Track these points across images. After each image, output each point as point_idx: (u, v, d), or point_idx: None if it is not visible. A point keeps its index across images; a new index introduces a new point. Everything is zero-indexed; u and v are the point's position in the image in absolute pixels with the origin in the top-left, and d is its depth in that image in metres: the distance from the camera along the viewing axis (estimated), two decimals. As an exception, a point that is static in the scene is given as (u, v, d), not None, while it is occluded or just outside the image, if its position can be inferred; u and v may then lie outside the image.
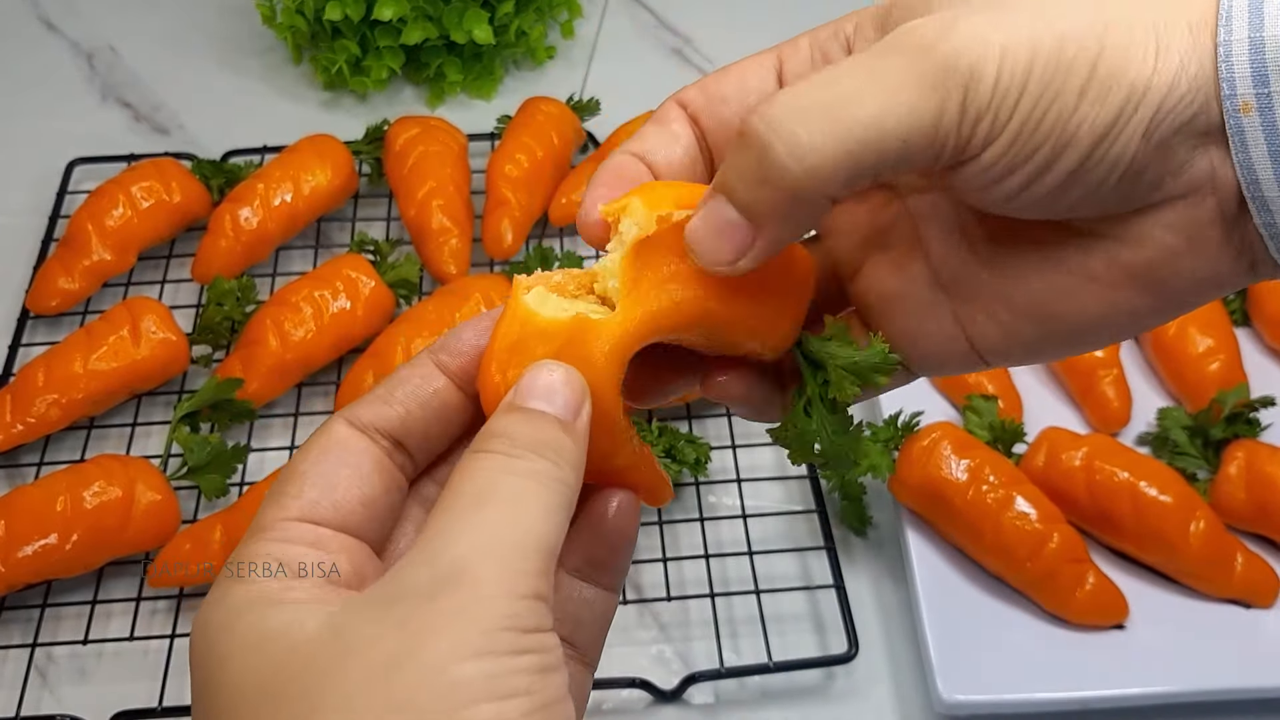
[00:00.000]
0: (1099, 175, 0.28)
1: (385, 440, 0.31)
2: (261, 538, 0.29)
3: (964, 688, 0.60)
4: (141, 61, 0.97)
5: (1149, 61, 0.27)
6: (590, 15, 1.01)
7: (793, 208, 0.28)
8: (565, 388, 0.29)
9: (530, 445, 0.28)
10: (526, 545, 0.26)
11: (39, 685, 0.63)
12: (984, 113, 0.27)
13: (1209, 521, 0.63)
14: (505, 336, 0.30)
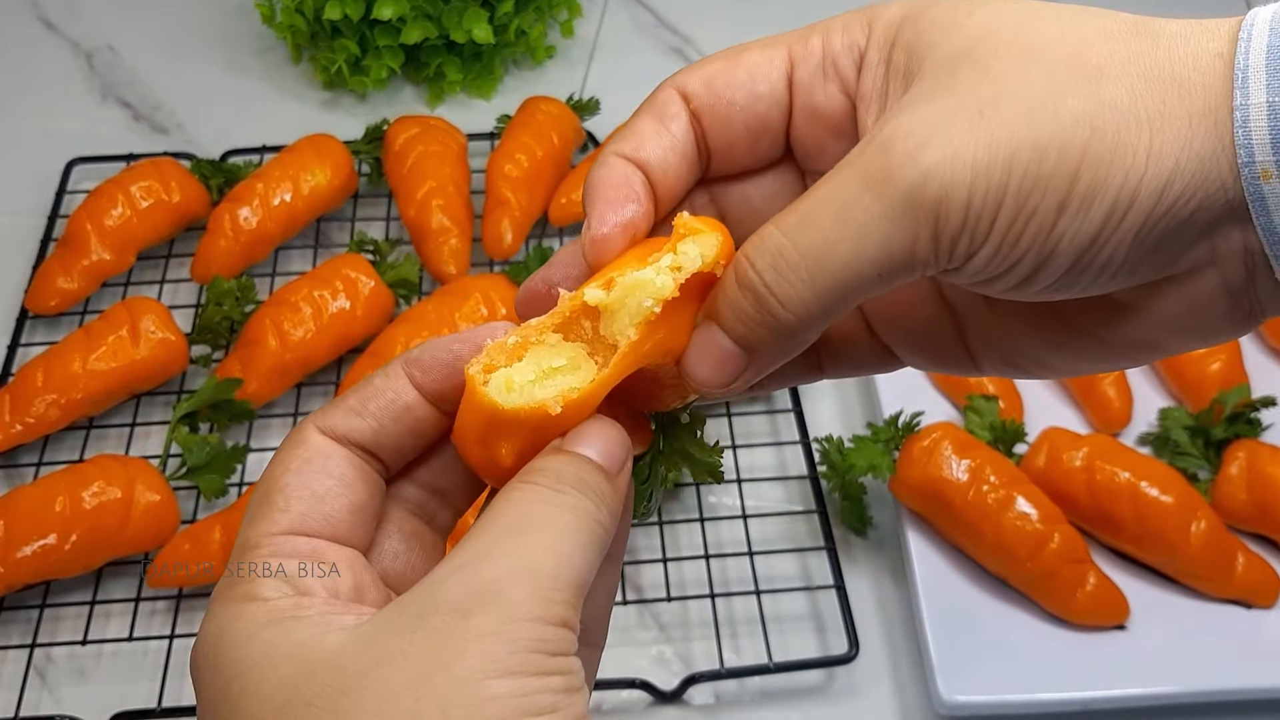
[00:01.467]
0: (1089, 277, 0.28)
1: (359, 451, 0.31)
2: (260, 551, 0.29)
3: (964, 688, 0.59)
4: (141, 61, 0.97)
5: (1138, 168, 0.26)
6: (590, 14, 1.01)
7: (783, 342, 0.29)
8: (612, 443, 0.30)
9: (574, 483, 0.29)
10: (560, 575, 0.27)
11: (38, 685, 0.63)
12: (959, 236, 0.27)
13: (1210, 522, 0.63)
14: (473, 423, 0.30)
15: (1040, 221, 0.27)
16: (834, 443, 0.68)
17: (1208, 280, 0.28)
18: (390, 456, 0.32)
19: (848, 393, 0.76)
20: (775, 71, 0.32)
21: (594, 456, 0.29)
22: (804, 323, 0.29)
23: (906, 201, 0.27)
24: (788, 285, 0.28)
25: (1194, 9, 1.04)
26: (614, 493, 0.29)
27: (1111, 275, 0.28)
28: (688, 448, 0.34)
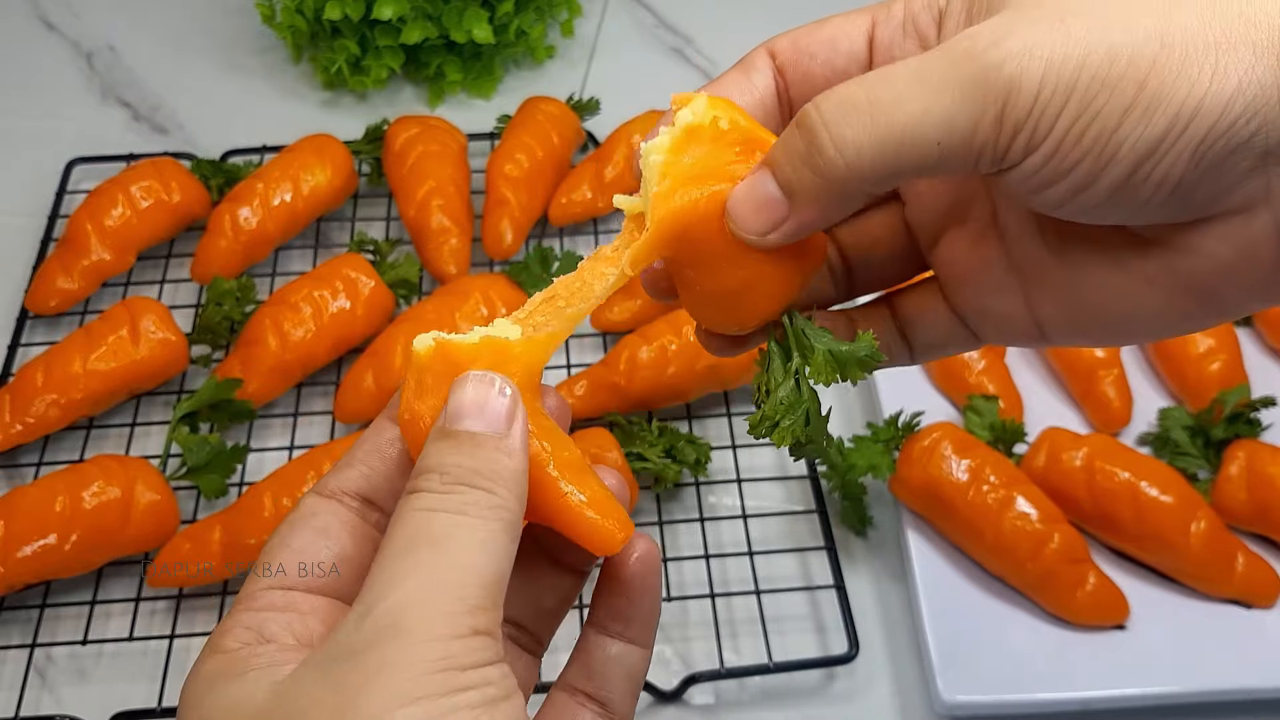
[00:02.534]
0: (1145, 193, 0.28)
1: (355, 501, 0.32)
2: (239, 608, 0.30)
3: (964, 688, 0.59)
4: (141, 61, 0.97)
5: (1202, 83, 0.27)
6: (590, 14, 1.01)
7: (829, 195, 0.29)
8: (492, 397, 0.29)
9: (460, 477, 0.28)
10: (461, 583, 0.26)
11: (38, 685, 0.63)
12: (1022, 124, 0.28)
13: (1210, 522, 0.63)
14: (415, 373, 0.31)
15: (1104, 123, 0.27)
16: (834, 443, 0.68)
17: (1260, 221, 0.29)
18: (385, 498, 0.32)
19: (848, 393, 0.76)
20: (857, 31, 0.33)
21: (475, 426, 0.29)
22: (852, 171, 0.29)
23: (981, 76, 0.28)
24: (847, 127, 0.28)
25: None
26: (509, 460, 0.29)
27: (1167, 194, 0.28)
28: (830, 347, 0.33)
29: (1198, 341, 0.72)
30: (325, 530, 0.31)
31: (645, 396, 0.71)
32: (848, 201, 0.30)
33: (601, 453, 0.65)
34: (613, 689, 0.33)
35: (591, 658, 0.33)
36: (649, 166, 0.31)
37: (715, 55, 0.98)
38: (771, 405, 0.33)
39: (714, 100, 0.32)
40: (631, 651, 0.33)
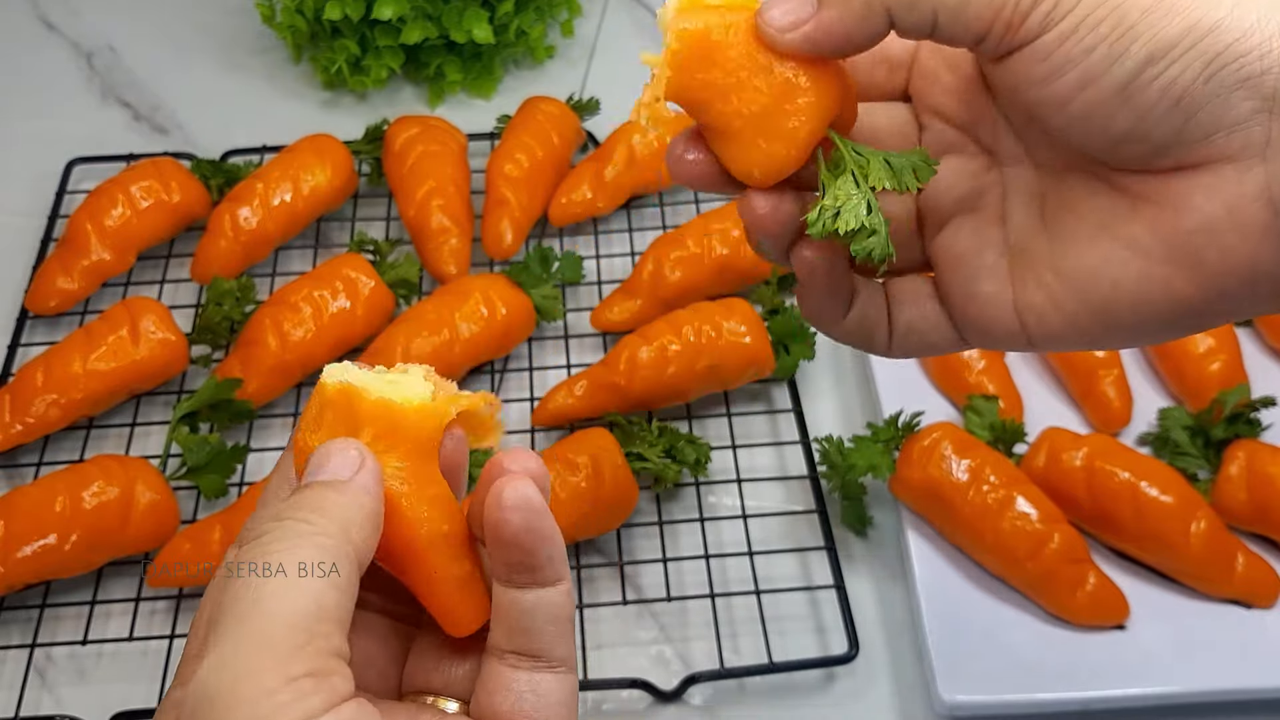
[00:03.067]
0: (1150, 98, 0.29)
1: None
2: (171, 686, 0.29)
3: (964, 688, 0.59)
4: (141, 61, 0.97)
5: (1224, 8, 0.28)
6: (590, 14, 1.01)
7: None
8: (335, 455, 0.29)
9: (275, 516, 0.28)
10: (264, 631, 0.25)
11: (38, 685, 0.63)
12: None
13: (1210, 522, 0.63)
14: (318, 405, 0.32)
15: (1124, 13, 0.28)
16: (834, 443, 0.68)
17: (1252, 177, 0.29)
18: None
19: (848, 393, 0.76)
20: None
21: (315, 479, 0.29)
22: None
23: None
24: None
25: None
26: (339, 496, 0.29)
27: (1171, 104, 0.28)
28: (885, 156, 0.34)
29: (1198, 341, 0.72)
30: None
31: (645, 396, 0.71)
32: (870, 10, 0.31)
33: (601, 453, 0.65)
34: (542, 638, 0.31)
35: (509, 614, 0.31)
36: (666, 18, 0.32)
37: (715, 55, 0.97)
38: (830, 196, 0.33)
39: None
40: (547, 594, 0.31)
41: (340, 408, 0.31)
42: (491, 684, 0.31)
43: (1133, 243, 0.31)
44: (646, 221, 0.85)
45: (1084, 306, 0.33)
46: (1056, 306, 0.33)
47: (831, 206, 0.33)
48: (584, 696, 0.62)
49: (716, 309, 0.72)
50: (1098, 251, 0.32)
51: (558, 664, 0.32)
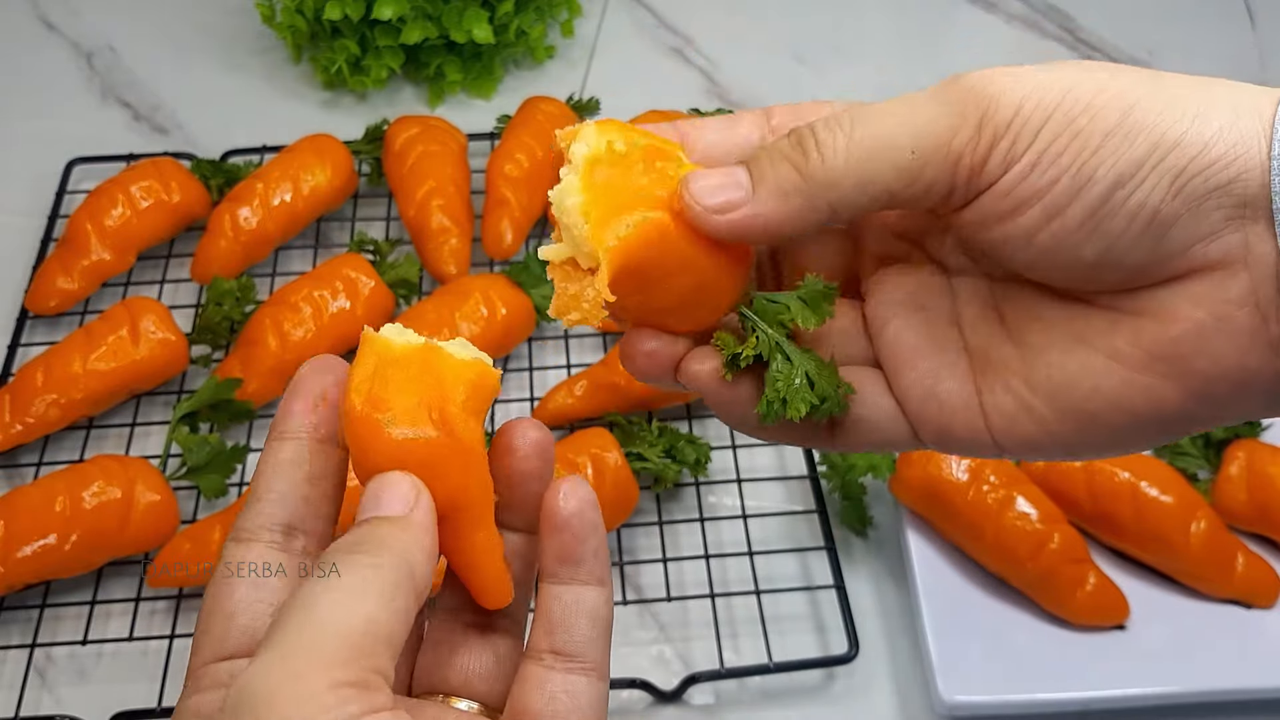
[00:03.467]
0: (1120, 223, 0.28)
1: (275, 534, 0.31)
2: (186, 693, 0.30)
3: (964, 688, 0.59)
4: (141, 61, 0.97)
5: (1184, 122, 0.28)
6: (590, 14, 1.01)
7: (796, 192, 0.30)
8: (392, 488, 0.29)
9: (344, 549, 0.28)
10: (316, 640, 0.26)
11: (38, 685, 0.63)
12: (1002, 134, 0.28)
13: (1210, 522, 0.63)
14: (362, 369, 0.31)
15: (1085, 141, 0.28)
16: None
17: (1237, 283, 0.28)
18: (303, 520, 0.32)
19: (848, 393, 0.76)
20: None
21: (374, 514, 0.29)
22: (827, 170, 0.29)
23: (962, 91, 0.29)
24: (829, 134, 0.29)
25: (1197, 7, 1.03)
26: (399, 530, 0.29)
27: (1143, 226, 0.28)
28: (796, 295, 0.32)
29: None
30: (255, 582, 0.31)
31: (645, 396, 0.71)
32: (811, 206, 0.30)
33: (601, 453, 0.65)
34: (580, 637, 0.32)
35: (551, 611, 0.32)
36: (567, 212, 0.30)
37: (715, 55, 0.98)
38: (771, 389, 0.32)
39: (600, 125, 0.31)
40: (590, 592, 0.32)
41: (416, 366, 0.30)
42: (526, 683, 0.32)
43: (1114, 353, 0.30)
44: (646, 221, 0.85)
45: (1059, 413, 0.31)
46: (1028, 411, 0.31)
47: (776, 398, 0.32)
48: (584, 696, 0.62)
49: (716, 309, 0.72)
50: (1074, 360, 0.30)
51: (592, 667, 0.32)
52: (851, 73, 0.97)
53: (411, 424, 0.30)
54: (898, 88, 0.32)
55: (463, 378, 0.31)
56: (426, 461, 0.30)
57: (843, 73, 0.97)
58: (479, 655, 0.33)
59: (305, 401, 0.32)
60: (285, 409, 0.32)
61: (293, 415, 0.32)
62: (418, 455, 0.30)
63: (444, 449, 0.30)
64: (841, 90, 0.96)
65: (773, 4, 1.02)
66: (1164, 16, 1.02)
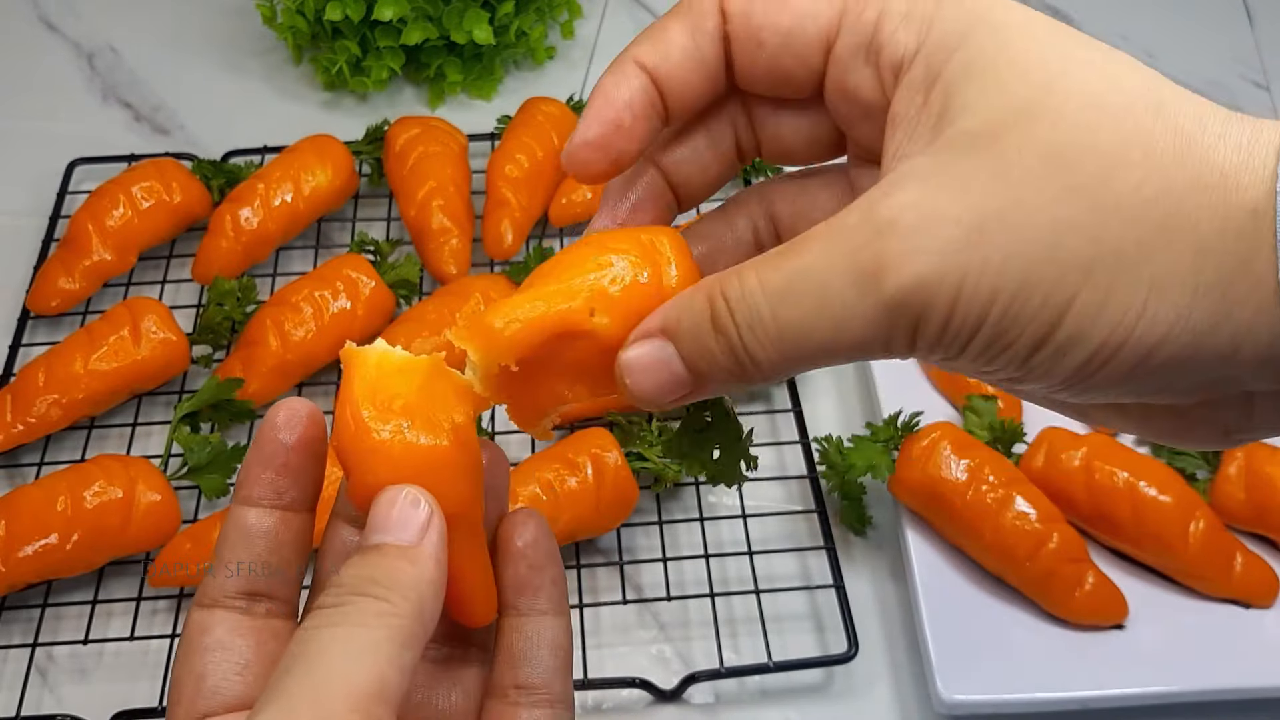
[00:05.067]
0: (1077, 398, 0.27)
1: (239, 600, 0.31)
2: None
3: (963, 687, 0.60)
4: (142, 62, 0.97)
5: (1129, 317, 0.24)
6: (590, 16, 1.01)
7: (739, 384, 0.29)
8: (404, 508, 0.29)
9: (355, 587, 0.28)
10: (321, 700, 0.25)
11: (39, 685, 0.63)
12: (935, 345, 0.26)
13: (1208, 521, 0.63)
14: (364, 393, 0.30)
15: (1015, 353, 0.26)
16: (833, 442, 0.68)
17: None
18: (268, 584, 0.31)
19: (847, 393, 0.76)
20: (816, 31, 0.30)
21: (384, 540, 0.29)
22: (766, 377, 0.28)
23: (887, 307, 0.26)
24: (759, 348, 0.28)
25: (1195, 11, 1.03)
26: (412, 567, 0.28)
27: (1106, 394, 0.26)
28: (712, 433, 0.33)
29: (1196, 342, 0.72)
30: (220, 644, 0.30)
31: (645, 396, 0.71)
32: (745, 385, 0.29)
33: (601, 453, 0.65)
34: (543, 668, 0.32)
35: (513, 645, 0.32)
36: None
37: (715, 56, 0.98)
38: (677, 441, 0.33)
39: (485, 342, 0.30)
40: (549, 623, 0.32)
41: (422, 378, 0.30)
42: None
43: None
44: (646, 222, 0.85)
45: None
46: None
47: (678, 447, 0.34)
48: (584, 695, 0.62)
49: (716, 309, 0.72)
50: None
51: (558, 699, 0.32)
52: (851, 73, 0.97)
53: (429, 431, 0.30)
54: None
55: (465, 393, 0.31)
56: (439, 471, 0.30)
57: (842, 73, 0.97)
58: (447, 693, 0.33)
59: (268, 467, 0.31)
60: (247, 473, 0.32)
61: (256, 482, 0.31)
62: (432, 464, 0.30)
63: (457, 458, 0.30)
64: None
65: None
66: (1163, 16, 1.03)
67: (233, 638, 0.31)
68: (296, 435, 0.31)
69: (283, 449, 0.31)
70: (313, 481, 0.32)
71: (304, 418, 0.32)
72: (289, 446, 0.31)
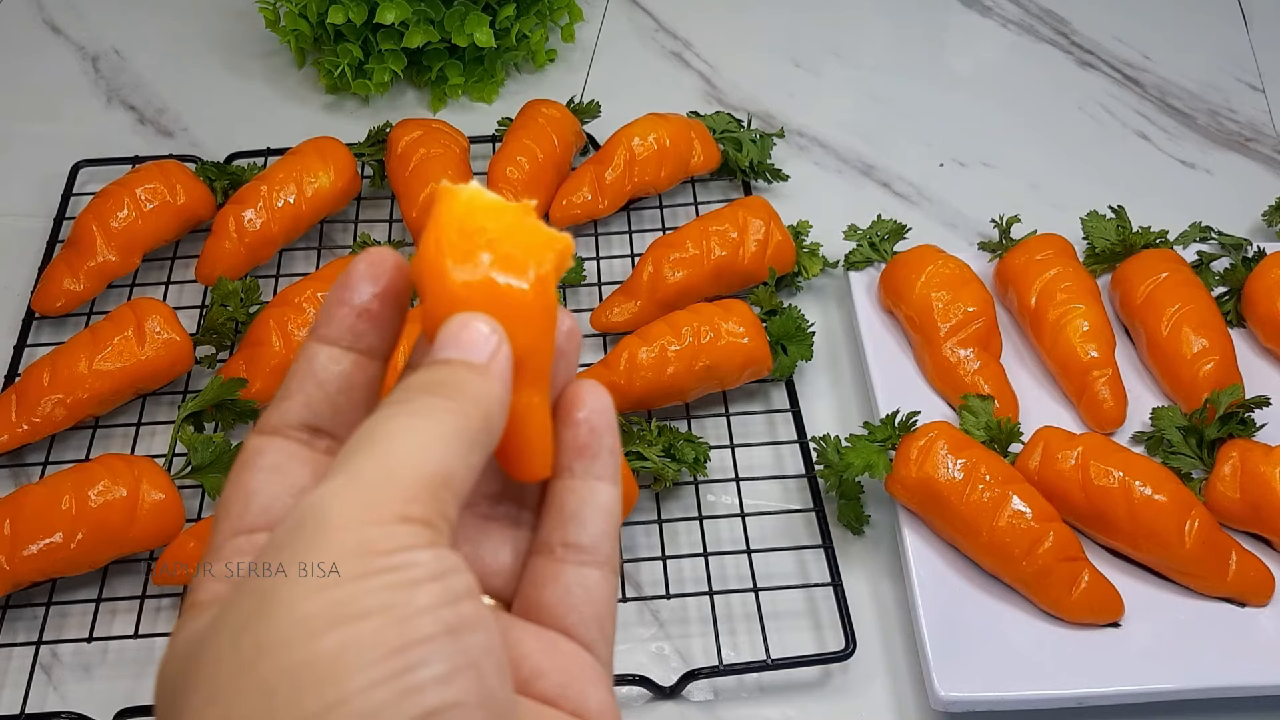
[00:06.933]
0: None
1: (300, 432, 0.30)
2: (202, 564, 0.29)
3: (960, 685, 0.60)
4: (146, 65, 0.97)
5: None
6: (590, 19, 1.02)
7: None
8: (474, 330, 0.28)
9: (423, 388, 0.27)
10: (391, 475, 0.25)
11: (44, 683, 0.64)
12: None
13: (1203, 520, 0.64)
14: (451, 223, 0.29)
15: None
16: (831, 442, 0.68)
17: None
18: (331, 421, 0.31)
19: (844, 393, 0.77)
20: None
21: (450, 355, 0.28)
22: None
23: None
24: None
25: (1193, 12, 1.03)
26: (478, 378, 0.28)
27: None
28: None
29: (1191, 342, 0.72)
30: (276, 467, 0.30)
31: (645, 396, 0.71)
32: None
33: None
34: (594, 530, 0.31)
35: (565, 505, 0.31)
36: None
37: (714, 59, 0.98)
38: None
39: None
40: (604, 488, 0.31)
41: (511, 220, 0.30)
42: (539, 577, 0.31)
43: None
44: (646, 223, 0.86)
45: None
46: None
47: None
48: (584, 693, 0.63)
49: (715, 310, 0.72)
50: None
51: (604, 561, 0.31)
52: (849, 76, 0.98)
53: (512, 271, 0.29)
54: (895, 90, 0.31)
55: (552, 245, 0.30)
56: (514, 311, 0.29)
57: (840, 76, 0.98)
58: (495, 551, 0.32)
59: (351, 308, 0.30)
60: (327, 312, 0.31)
61: (335, 320, 0.30)
62: (508, 303, 0.29)
63: (533, 303, 0.29)
64: (840, 93, 0.97)
65: (771, 8, 1.03)
66: (1158, 19, 1.03)
67: (291, 463, 0.30)
68: (383, 283, 0.30)
69: (368, 290, 0.30)
70: (392, 331, 0.31)
71: (391, 266, 0.31)
72: (373, 292, 0.30)
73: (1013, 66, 1.00)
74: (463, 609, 0.24)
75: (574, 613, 0.31)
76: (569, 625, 0.31)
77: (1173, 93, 0.97)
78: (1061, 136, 0.94)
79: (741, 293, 0.78)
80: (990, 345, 0.74)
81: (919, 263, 0.76)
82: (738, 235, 0.77)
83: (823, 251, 0.81)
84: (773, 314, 0.75)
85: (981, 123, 0.94)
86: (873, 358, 0.75)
